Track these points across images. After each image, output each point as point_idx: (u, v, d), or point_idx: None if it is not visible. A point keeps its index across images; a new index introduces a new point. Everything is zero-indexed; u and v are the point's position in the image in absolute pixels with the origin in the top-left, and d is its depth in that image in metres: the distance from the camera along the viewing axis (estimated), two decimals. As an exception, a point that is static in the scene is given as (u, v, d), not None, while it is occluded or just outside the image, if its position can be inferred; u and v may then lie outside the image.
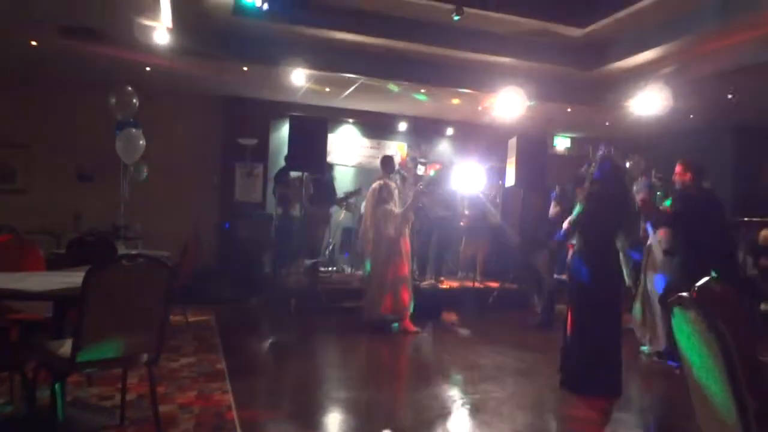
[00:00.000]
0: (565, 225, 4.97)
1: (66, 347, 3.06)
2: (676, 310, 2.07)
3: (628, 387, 4.77)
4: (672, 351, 5.34)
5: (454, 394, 4.73)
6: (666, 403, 4.86)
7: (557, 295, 7.21)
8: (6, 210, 7.98)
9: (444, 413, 4.18)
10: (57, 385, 3.36)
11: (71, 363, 2.97)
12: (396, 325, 6.90)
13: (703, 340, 1.89)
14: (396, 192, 7.09)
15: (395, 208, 6.93)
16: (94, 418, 3.70)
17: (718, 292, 2.50)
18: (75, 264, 4.47)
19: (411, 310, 6.90)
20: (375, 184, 7.09)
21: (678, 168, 5.46)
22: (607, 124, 10.06)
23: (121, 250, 5.88)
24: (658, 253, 5.73)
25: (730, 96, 6.91)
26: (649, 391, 5.27)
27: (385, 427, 3.88)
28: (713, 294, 2.48)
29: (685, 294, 2.03)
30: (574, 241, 4.94)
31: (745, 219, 7.74)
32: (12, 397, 3.80)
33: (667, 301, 2.18)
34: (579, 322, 4.71)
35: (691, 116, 8.99)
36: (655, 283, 5.76)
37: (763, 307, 6.77)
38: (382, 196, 6.89)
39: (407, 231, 7.05)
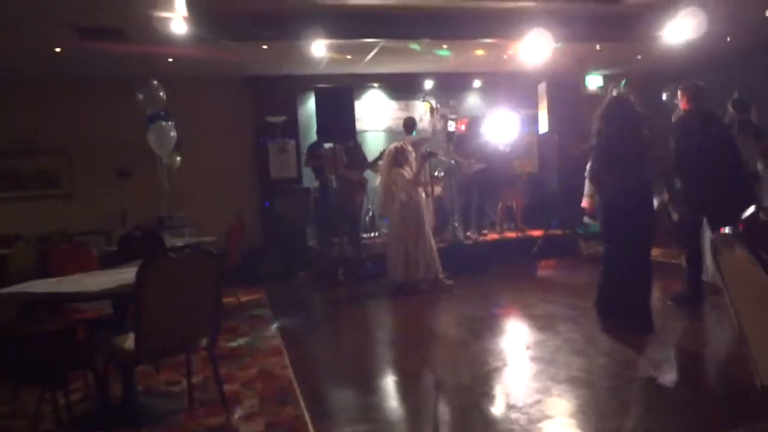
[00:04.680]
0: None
1: (130, 341, 3.21)
2: (721, 246, 2.04)
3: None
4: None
5: (507, 346, 4.78)
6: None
7: None
8: (56, 215, 8.27)
9: (500, 366, 4.23)
10: (127, 377, 3.55)
11: (136, 356, 3.12)
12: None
13: (750, 272, 1.87)
14: (412, 156, 7.01)
15: (410, 171, 6.86)
16: (165, 403, 3.89)
17: (761, 222, 2.46)
18: (126, 259, 4.64)
19: (438, 270, 6.94)
20: (391, 147, 7.09)
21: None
22: (639, 57, 9.70)
23: (168, 240, 6.06)
24: None
25: None
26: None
27: (443, 385, 3.95)
28: (757, 224, 2.44)
29: (728, 230, 2.01)
30: None
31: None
32: (87, 393, 4.02)
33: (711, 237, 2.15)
34: (606, 256, 5.05)
35: (729, 39, 8.60)
36: None
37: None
38: (397, 159, 6.84)
39: (423, 194, 7.01)
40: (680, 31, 6.86)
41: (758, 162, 6.03)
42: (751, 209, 2.58)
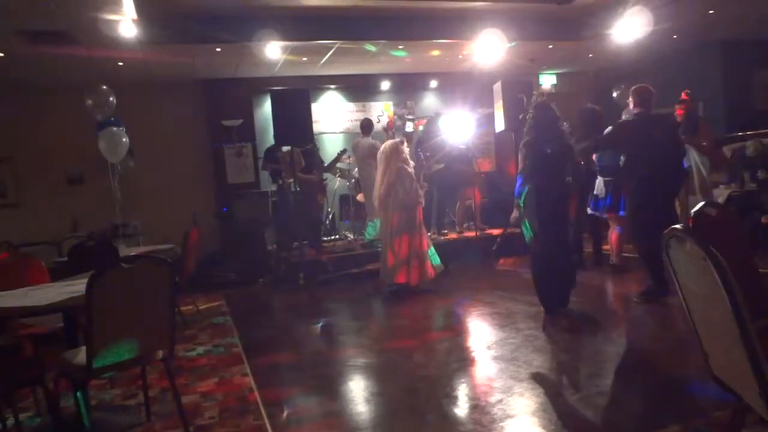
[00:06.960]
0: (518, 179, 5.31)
1: (81, 355, 3.09)
2: (672, 242, 2.07)
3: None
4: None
5: (469, 345, 4.80)
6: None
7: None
8: (2, 226, 7.97)
9: (463, 365, 4.25)
10: (79, 393, 3.43)
11: (88, 370, 3.01)
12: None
13: (701, 268, 1.90)
14: (407, 152, 6.71)
15: (410, 168, 6.59)
16: (121, 418, 3.77)
17: (712, 216, 2.51)
18: (78, 270, 4.48)
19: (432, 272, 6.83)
20: (388, 143, 6.68)
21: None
22: (590, 56, 9.92)
23: (122, 249, 5.90)
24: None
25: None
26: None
27: (407, 387, 3.94)
28: (707, 219, 2.49)
29: (679, 226, 2.04)
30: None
31: (739, 133, 7.68)
32: (38, 410, 3.87)
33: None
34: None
35: (675, 36, 8.85)
36: None
37: (764, 220, 6.77)
38: (401, 157, 6.51)
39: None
40: (628, 29, 7.03)
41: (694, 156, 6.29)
42: (700, 204, 2.63)
